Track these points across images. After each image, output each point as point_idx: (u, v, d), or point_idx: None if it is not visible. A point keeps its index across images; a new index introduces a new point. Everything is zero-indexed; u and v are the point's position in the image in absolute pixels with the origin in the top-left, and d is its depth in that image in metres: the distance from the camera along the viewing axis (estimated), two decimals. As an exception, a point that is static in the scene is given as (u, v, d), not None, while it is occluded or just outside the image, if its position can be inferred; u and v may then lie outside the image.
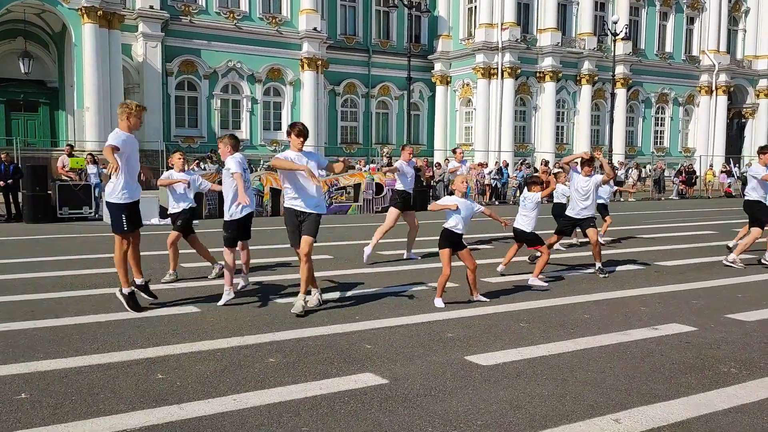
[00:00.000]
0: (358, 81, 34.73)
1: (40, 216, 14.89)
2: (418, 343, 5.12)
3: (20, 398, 3.84)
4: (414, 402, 3.86)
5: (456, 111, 36.40)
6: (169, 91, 28.79)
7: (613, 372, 4.46)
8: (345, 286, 7.41)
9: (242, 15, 30.04)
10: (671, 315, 6.14)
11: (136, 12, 27.18)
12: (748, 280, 8.13)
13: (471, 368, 4.49)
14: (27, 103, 27.05)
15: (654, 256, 10.19)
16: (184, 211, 7.67)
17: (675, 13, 39.88)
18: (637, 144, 39.70)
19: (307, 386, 4.10)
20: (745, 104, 43.45)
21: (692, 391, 4.12)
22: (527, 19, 35.26)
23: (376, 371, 4.40)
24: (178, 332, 5.33)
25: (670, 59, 40.02)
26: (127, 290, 6.03)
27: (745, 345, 5.17)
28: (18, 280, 7.58)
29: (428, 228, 14.70)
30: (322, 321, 5.75)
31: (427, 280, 7.84)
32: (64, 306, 6.25)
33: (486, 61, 33.76)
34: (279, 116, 31.71)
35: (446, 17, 36.18)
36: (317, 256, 9.75)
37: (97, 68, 23.91)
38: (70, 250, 10.28)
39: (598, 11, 37.11)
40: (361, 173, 20.35)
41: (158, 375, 4.28)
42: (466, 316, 6.01)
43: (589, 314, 6.17)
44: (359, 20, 34.79)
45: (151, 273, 7.47)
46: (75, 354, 4.71)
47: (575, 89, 36.63)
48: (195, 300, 6.56)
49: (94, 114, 24.10)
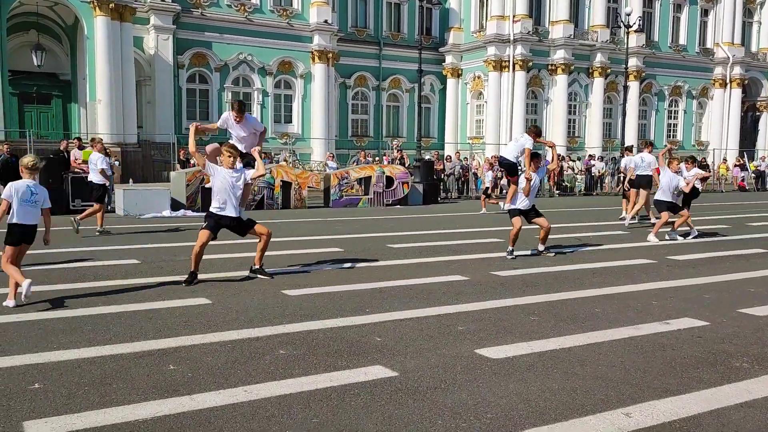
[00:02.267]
0: (368, 74, 34.65)
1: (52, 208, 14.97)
2: (428, 335, 5.12)
3: (34, 388, 3.88)
4: (424, 395, 3.86)
5: (467, 104, 36.25)
6: (180, 84, 28.86)
7: (624, 366, 4.44)
8: (354, 278, 7.42)
9: (253, 8, 30.02)
10: (683, 309, 6.11)
11: (147, 5, 27.22)
12: (760, 275, 8.07)
13: (481, 361, 4.49)
14: (40, 96, 27.21)
15: (666, 250, 10.13)
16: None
17: (689, 4, 39.46)
18: (649, 137, 39.39)
19: (317, 378, 4.11)
20: (759, 97, 42.98)
21: (704, 385, 4.09)
22: (539, 11, 35.01)
23: (386, 364, 4.40)
24: (189, 324, 5.36)
25: (684, 51, 39.64)
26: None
27: (757, 339, 5.14)
28: (31, 271, 7.64)
29: (430, 221, 14.71)
30: (331, 313, 5.77)
31: (436, 274, 7.84)
32: (76, 297, 6.30)
33: (497, 53, 33.58)
34: (290, 109, 31.72)
35: (457, 9, 35.99)
36: (327, 249, 9.79)
37: (109, 61, 24.02)
38: (81, 241, 10.35)
39: (611, 3, 36.79)
40: (372, 166, 20.35)
41: (170, 366, 4.31)
42: (477, 310, 6.01)
43: (600, 308, 6.14)
44: (370, 13, 34.68)
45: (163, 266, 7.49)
46: (87, 345, 4.75)
47: (587, 82, 36.37)
48: (206, 292, 6.59)
49: (106, 106, 24.22)
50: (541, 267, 8.41)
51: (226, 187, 7.00)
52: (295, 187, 17.82)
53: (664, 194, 11.37)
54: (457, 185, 24.80)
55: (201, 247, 6.98)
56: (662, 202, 11.38)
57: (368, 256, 9.00)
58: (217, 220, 7.08)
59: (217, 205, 7.05)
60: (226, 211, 7.04)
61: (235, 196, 7.07)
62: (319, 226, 13.16)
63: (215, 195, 7.09)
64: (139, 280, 7.15)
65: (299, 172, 18.89)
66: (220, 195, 7.03)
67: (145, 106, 28.22)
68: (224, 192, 7.01)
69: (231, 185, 7.02)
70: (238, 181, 7.08)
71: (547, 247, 9.45)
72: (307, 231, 12.28)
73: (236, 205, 7.11)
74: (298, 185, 17.88)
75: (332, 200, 18.48)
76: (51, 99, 27.51)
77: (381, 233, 12.01)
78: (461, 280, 7.42)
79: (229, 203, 7.04)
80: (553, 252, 9.47)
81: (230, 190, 7.02)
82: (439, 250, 9.75)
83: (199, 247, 6.96)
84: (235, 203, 7.09)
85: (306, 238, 11.18)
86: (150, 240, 10.55)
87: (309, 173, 19.57)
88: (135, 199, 15.25)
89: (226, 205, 7.03)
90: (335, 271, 7.87)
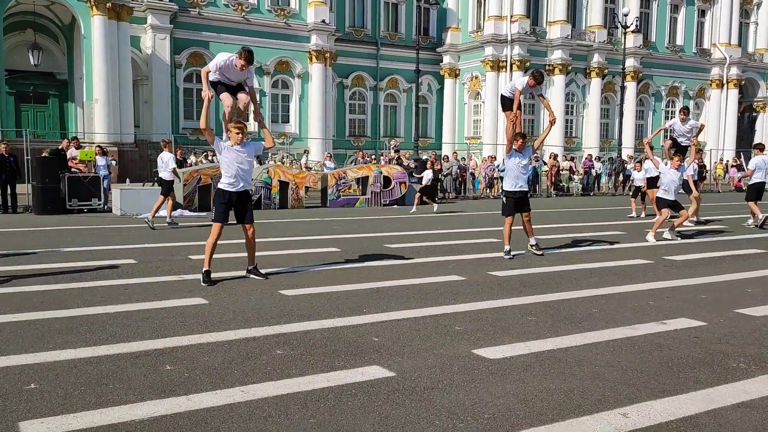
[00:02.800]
0: (366, 74, 34.68)
1: (49, 207, 14.97)
2: (426, 335, 5.12)
3: (30, 388, 3.87)
4: (421, 395, 3.86)
5: (464, 104, 36.30)
6: (177, 84, 28.87)
7: (621, 366, 4.44)
8: (352, 278, 7.42)
9: (251, 7, 30.03)
10: (680, 309, 6.11)
11: (144, 4, 27.22)
12: (757, 275, 8.08)
13: (478, 362, 4.49)
14: (36, 95, 27.19)
15: (663, 250, 10.14)
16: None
17: (686, 5, 39.58)
18: (646, 138, 39.46)
19: (314, 378, 4.10)
20: (756, 98, 43.13)
21: (701, 386, 4.10)
22: (537, 11, 35.09)
23: (383, 364, 4.40)
24: (186, 324, 5.35)
25: (681, 52, 39.75)
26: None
27: (754, 340, 5.14)
28: (27, 271, 7.63)
29: (428, 221, 14.70)
30: (329, 313, 5.76)
31: (433, 274, 7.84)
32: (72, 297, 6.28)
33: (495, 53, 33.63)
34: (287, 108, 31.73)
35: (455, 9, 36.03)
36: (324, 249, 9.78)
37: (106, 60, 24.01)
38: (78, 241, 10.33)
39: (609, 3, 36.89)
40: (369, 166, 20.35)
41: (166, 366, 4.30)
42: (474, 310, 6.01)
43: (598, 308, 6.15)
44: (368, 12, 34.71)
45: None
46: (84, 345, 4.73)
47: (585, 82, 36.45)
48: (203, 292, 6.58)
49: (103, 106, 24.21)
50: (538, 267, 8.41)
51: (235, 163, 7.05)
52: (293, 186, 17.81)
53: (666, 193, 11.36)
54: (454, 185, 24.81)
55: (215, 239, 7.06)
56: (663, 200, 11.37)
57: (366, 256, 9.00)
58: (227, 204, 7.10)
59: (228, 180, 7.09)
60: (237, 185, 7.09)
61: (245, 170, 7.13)
62: (317, 226, 13.15)
63: (225, 170, 7.14)
64: (136, 280, 7.13)
65: (296, 172, 18.89)
66: (229, 169, 7.07)
67: (142, 105, 28.20)
68: (233, 167, 7.06)
69: (240, 161, 7.08)
70: (248, 157, 7.14)
71: (538, 245, 9.42)
72: (305, 231, 12.27)
73: (247, 178, 7.19)
74: (295, 185, 17.87)
75: (330, 200, 18.48)
76: (48, 98, 27.48)
77: (378, 233, 12.00)
78: (458, 280, 7.42)
79: (239, 177, 7.09)
80: (541, 251, 9.40)
81: (239, 166, 7.07)
82: (436, 250, 9.75)
83: (213, 240, 7.04)
84: (246, 177, 7.16)
85: (303, 238, 11.17)
86: (146, 240, 10.54)
87: (306, 173, 19.57)
88: (132, 198, 15.23)
89: (236, 180, 7.08)
90: (332, 271, 7.86)
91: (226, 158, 7.08)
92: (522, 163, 9.17)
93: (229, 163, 7.06)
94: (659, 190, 11.61)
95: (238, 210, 7.22)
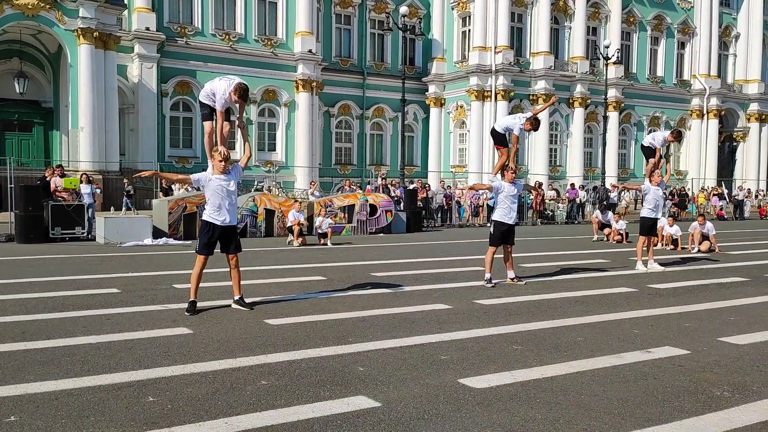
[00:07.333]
0: (352, 102, 34.96)
1: (32, 236, 14.82)
2: (412, 365, 5.10)
3: (10, 421, 3.80)
4: (407, 425, 3.84)
5: (450, 133, 36.63)
6: (164, 112, 28.91)
7: (606, 395, 4.45)
8: (338, 307, 7.39)
9: (238, 37, 30.28)
10: (664, 338, 6.15)
11: (132, 33, 27.36)
12: (740, 303, 8.15)
13: (464, 391, 4.48)
14: (21, 123, 27.06)
15: (647, 278, 10.21)
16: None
17: (666, 38, 40.44)
18: (629, 166, 39.99)
19: (299, 409, 4.07)
20: (736, 128, 43.90)
21: (685, 414, 4.11)
22: (520, 42, 35.67)
23: (369, 394, 4.37)
24: (169, 354, 5.29)
25: (662, 83, 40.50)
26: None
27: (738, 368, 5.17)
28: (8, 300, 7.53)
29: (414, 250, 14.72)
30: (314, 343, 5.73)
31: (419, 302, 7.83)
32: (54, 327, 6.20)
33: (480, 83, 34.06)
34: (274, 137, 31.84)
35: (440, 40, 36.54)
36: (310, 277, 9.75)
37: (92, 89, 24.01)
38: (61, 270, 10.23)
39: (590, 36, 37.63)
40: (355, 194, 20.38)
41: (149, 398, 4.24)
42: (460, 339, 6.00)
43: (583, 336, 6.16)
44: (354, 43, 35.12)
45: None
46: (65, 376, 4.66)
47: (568, 112, 36.95)
48: (187, 322, 6.52)
49: (88, 134, 24.15)
50: (523, 295, 8.44)
51: (220, 193, 7.03)
52: (279, 215, 17.79)
53: (651, 211, 11.39)
54: (440, 213, 24.90)
55: (199, 271, 7.04)
56: (647, 219, 11.39)
57: (351, 285, 8.98)
58: (210, 237, 7.06)
59: (212, 210, 7.07)
60: (222, 215, 7.05)
61: (230, 200, 7.11)
62: (303, 254, 13.12)
63: (210, 200, 7.12)
64: (119, 310, 7.06)
65: (282, 200, 18.87)
66: (213, 200, 7.06)
67: (128, 133, 28.16)
68: (217, 197, 7.04)
69: (225, 191, 7.05)
70: (231, 186, 7.11)
71: (517, 276, 9.52)
72: (290, 259, 12.24)
73: (233, 211, 7.17)
74: (281, 213, 17.85)
75: (316, 228, 18.42)
76: (32, 126, 27.36)
77: (364, 261, 12.00)
78: (444, 309, 7.42)
79: (224, 208, 7.06)
80: (524, 280, 9.50)
81: (224, 196, 7.04)
82: (422, 279, 9.76)
83: (198, 271, 7.02)
84: (230, 208, 7.13)
85: (289, 267, 11.13)
86: (130, 268, 10.45)
87: (292, 201, 19.55)
88: (116, 226, 15.12)
89: (221, 209, 7.04)
90: (318, 300, 7.83)
91: (210, 188, 7.08)
92: (512, 193, 9.35)
93: (213, 193, 7.06)
94: (644, 209, 11.58)
95: (224, 241, 7.20)
